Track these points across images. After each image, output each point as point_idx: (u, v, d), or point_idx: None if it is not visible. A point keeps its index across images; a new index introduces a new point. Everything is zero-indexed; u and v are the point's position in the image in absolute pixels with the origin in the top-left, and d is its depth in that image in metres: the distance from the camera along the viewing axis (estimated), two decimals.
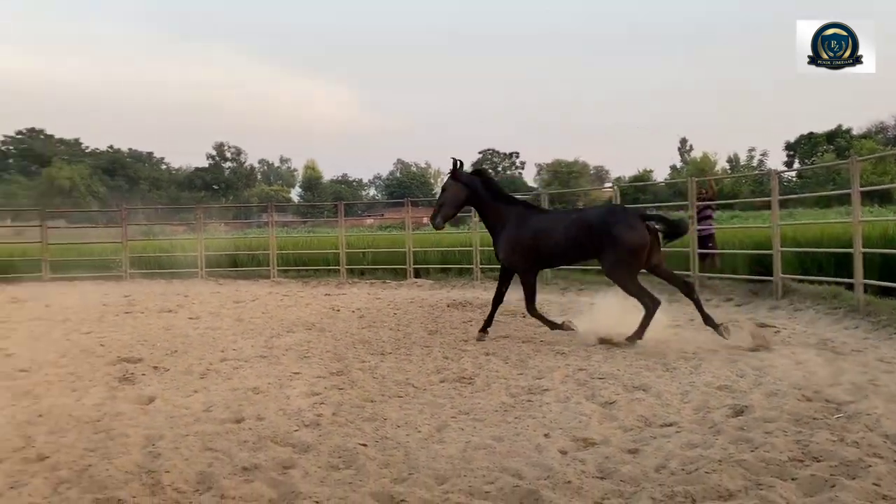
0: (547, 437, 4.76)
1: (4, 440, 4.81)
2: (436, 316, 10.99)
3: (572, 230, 8.14)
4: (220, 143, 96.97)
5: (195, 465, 4.26)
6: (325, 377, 6.71)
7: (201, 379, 6.74)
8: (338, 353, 7.90)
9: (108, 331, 9.96)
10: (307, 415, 5.38)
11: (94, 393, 6.18)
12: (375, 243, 20.27)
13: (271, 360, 7.57)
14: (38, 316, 11.74)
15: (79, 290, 16.16)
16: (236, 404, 5.72)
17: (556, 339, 8.48)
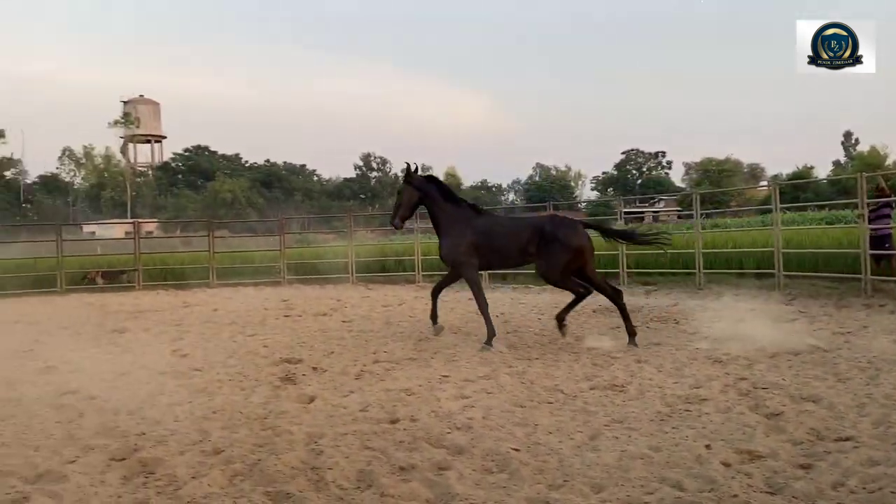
0: (708, 448, 4.54)
1: (185, 433, 5.24)
2: (581, 322, 10.80)
3: (520, 234, 8.67)
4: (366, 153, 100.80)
5: (355, 462, 4.44)
6: (473, 381, 6.78)
7: (356, 380, 7.02)
8: (484, 357, 7.96)
9: (270, 333, 10.60)
10: (458, 417, 5.45)
11: (260, 392, 6.60)
12: None
13: (421, 363, 7.75)
14: (207, 319, 12.69)
15: (242, 295, 17.33)
16: (390, 405, 5.91)
17: (714, 346, 8.10)
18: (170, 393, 6.64)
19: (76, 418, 5.80)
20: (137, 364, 8.23)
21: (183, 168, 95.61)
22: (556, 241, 8.47)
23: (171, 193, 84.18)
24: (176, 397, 6.46)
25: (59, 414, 5.94)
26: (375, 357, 8.21)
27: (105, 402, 6.29)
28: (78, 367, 8.16)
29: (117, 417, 5.78)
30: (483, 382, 6.69)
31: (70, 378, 7.49)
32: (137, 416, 5.78)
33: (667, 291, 14.89)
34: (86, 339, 10.45)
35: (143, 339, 10.43)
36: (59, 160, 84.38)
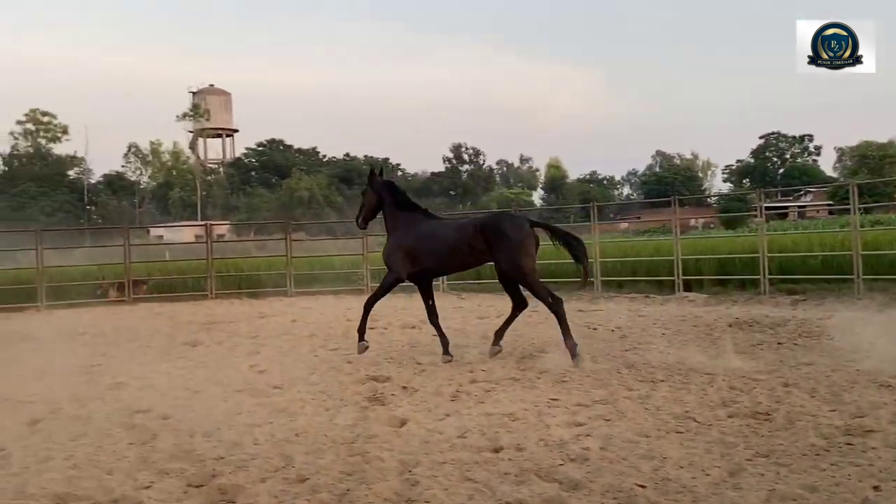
0: (877, 490, 4.33)
1: (266, 458, 5.43)
2: (715, 337, 10.53)
3: (464, 233, 9.32)
4: (457, 144, 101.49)
5: (455, 496, 4.47)
6: (587, 405, 6.72)
7: (452, 401, 7.09)
8: (599, 379, 7.87)
9: (354, 347, 10.80)
10: (572, 447, 5.41)
11: (346, 413, 6.75)
12: (634, 250, 19.92)
13: (525, 384, 7.74)
14: (285, 331, 13.10)
15: (322, 304, 17.81)
16: (492, 431, 5.93)
17: (880, 368, 7.71)
18: (248, 412, 6.89)
19: (149, 440, 6.10)
20: (212, 380, 8.59)
21: (256, 164, 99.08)
22: (504, 235, 9.17)
23: (244, 192, 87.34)
24: (255, 417, 6.70)
25: (131, 434, 6.27)
26: (472, 376, 8.26)
27: (179, 423, 6.59)
28: (149, 383, 8.59)
29: (193, 439, 6.04)
30: (599, 408, 6.61)
31: (141, 395, 7.90)
32: (214, 439, 6.02)
33: (817, 301, 14.30)
34: (156, 353, 11.00)
35: (217, 352, 10.88)
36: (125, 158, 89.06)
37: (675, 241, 17.73)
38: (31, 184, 77.77)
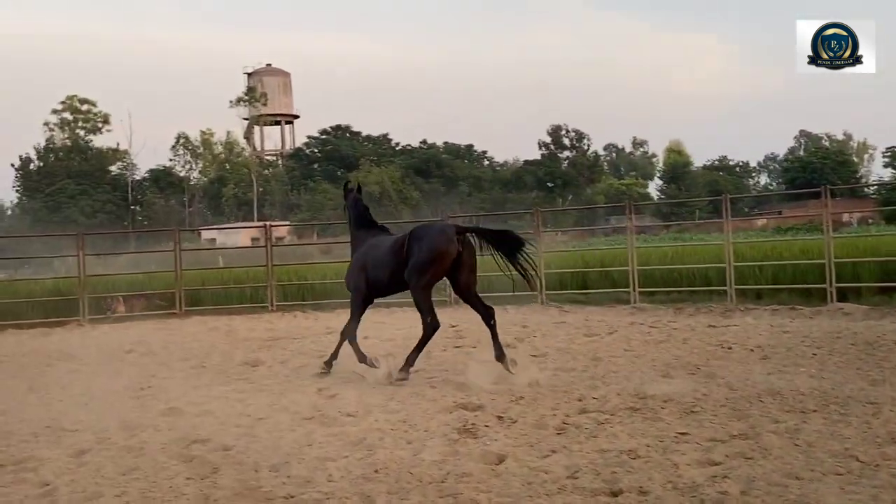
0: None
1: (342, 498, 5.54)
2: (879, 358, 10.23)
3: (397, 244, 10.30)
4: (555, 126, 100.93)
5: None
6: (723, 441, 6.63)
7: (558, 435, 7.07)
8: (737, 409, 7.76)
9: (438, 369, 10.93)
10: (707, 491, 5.35)
11: (433, 446, 6.82)
12: (776, 253, 19.45)
13: (646, 415, 7.68)
14: None
15: (398, 319, 17.97)
16: (608, 471, 5.90)
17: None
18: (319, 444, 7.04)
19: (210, 474, 6.29)
20: (277, 406, 8.79)
21: (319, 155, 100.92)
22: (419, 242, 10.06)
23: (306, 188, 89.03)
24: (327, 450, 6.83)
25: (189, 468, 6.48)
26: (582, 405, 8.23)
27: (242, 455, 6.78)
28: (206, 409, 8.86)
29: (258, 474, 6.20)
30: (739, 443, 6.51)
31: (198, 423, 8.15)
32: (282, 474, 6.17)
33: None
34: (212, 374, 11.34)
35: (281, 374, 11.14)
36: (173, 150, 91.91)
37: (827, 241, 17.22)
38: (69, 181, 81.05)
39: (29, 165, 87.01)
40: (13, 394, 10.48)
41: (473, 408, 8.30)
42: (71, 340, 16.70)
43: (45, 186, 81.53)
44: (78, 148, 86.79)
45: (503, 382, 9.55)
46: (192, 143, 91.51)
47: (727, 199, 19.29)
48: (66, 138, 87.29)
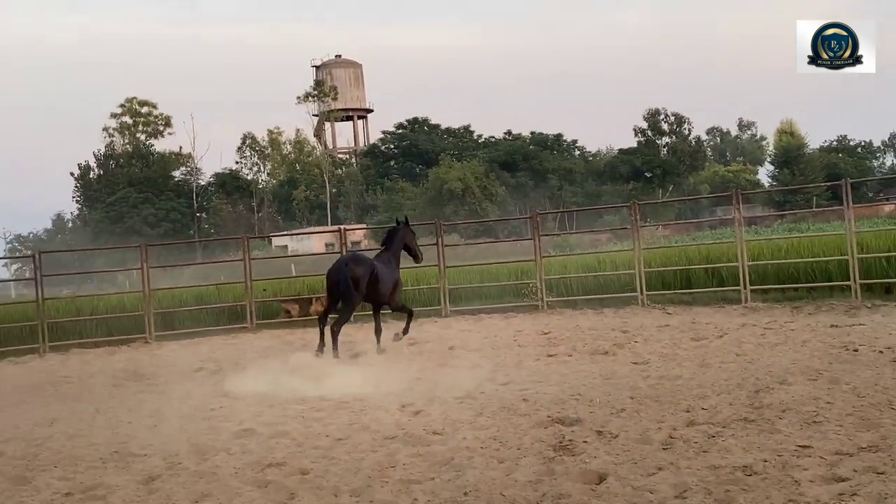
0: None
1: None
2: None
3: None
4: (653, 111, 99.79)
5: None
6: (851, 454, 6.51)
7: (665, 450, 7.01)
8: (866, 418, 7.60)
9: (531, 381, 10.92)
10: None
11: (527, 465, 6.83)
12: None
13: (762, 426, 7.57)
14: (441, 362, 13.36)
15: (486, 326, 18.03)
16: (721, 490, 5.84)
17: None
18: (403, 465, 7.10)
19: (286, 500, 6.43)
20: (357, 425, 8.90)
21: (395, 151, 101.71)
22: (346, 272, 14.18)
23: (382, 187, 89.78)
24: (412, 471, 6.90)
25: (264, 494, 6.62)
26: (690, 417, 8.15)
27: (321, 479, 6.89)
28: (281, 429, 9.01)
29: (338, 500, 6.29)
30: (868, 457, 6.38)
31: (273, 445, 8.31)
32: (364, 499, 6.25)
33: None
34: (287, 392, 11.48)
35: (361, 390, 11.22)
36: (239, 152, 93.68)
37: None
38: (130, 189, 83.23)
39: (89, 174, 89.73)
40: (80, 417, 10.81)
41: (570, 422, 8.30)
42: (138, 359, 17.16)
43: (106, 196, 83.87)
44: (139, 153, 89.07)
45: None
46: (260, 143, 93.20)
47: (847, 183, 18.82)
48: (127, 143, 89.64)
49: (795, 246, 20.96)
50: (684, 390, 9.50)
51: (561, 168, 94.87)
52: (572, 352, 13.40)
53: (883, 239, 19.70)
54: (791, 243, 21.59)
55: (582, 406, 9.05)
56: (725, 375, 10.26)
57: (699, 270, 20.45)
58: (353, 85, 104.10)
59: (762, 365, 10.81)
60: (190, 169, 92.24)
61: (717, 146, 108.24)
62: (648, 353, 12.62)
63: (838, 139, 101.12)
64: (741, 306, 18.13)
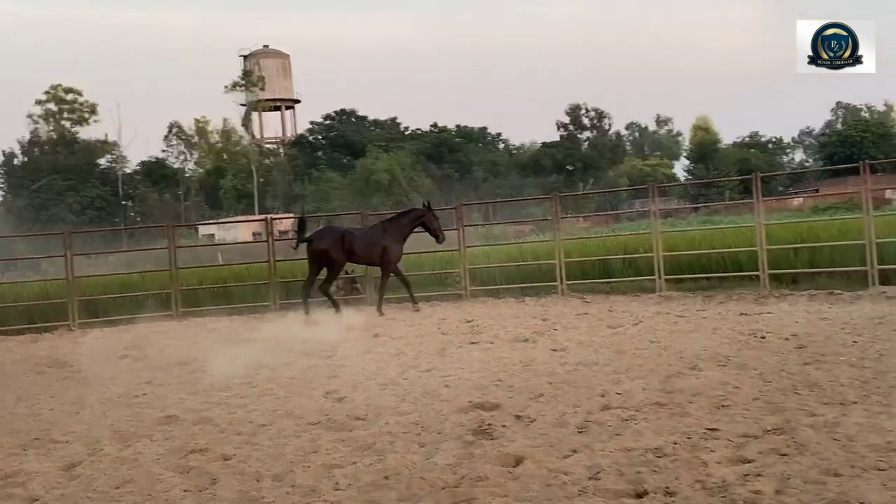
0: None
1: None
2: None
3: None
4: (574, 106, 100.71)
5: None
6: (756, 437, 6.64)
7: (580, 434, 7.10)
8: (772, 402, 7.77)
9: (453, 367, 10.96)
10: (738, 491, 5.36)
11: (447, 449, 6.86)
12: (812, 234, 19.37)
13: (673, 410, 7.69)
14: (367, 349, 13.35)
15: (410, 315, 18.01)
16: (633, 471, 5.93)
17: None
18: (326, 451, 7.09)
19: (208, 486, 6.35)
20: (281, 411, 8.86)
21: (323, 142, 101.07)
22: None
23: (310, 177, 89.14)
24: (334, 456, 6.88)
25: (186, 480, 6.54)
26: (605, 401, 8.26)
27: (243, 464, 6.84)
28: (205, 416, 8.92)
29: (260, 484, 6.25)
30: (772, 439, 6.52)
31: (196, 431, 8.23)
32: (286, 483, 6.22)
33: None
34: (212, 379, 11.36)
35: (286, 377, 11.17)
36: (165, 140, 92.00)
37: (867, 220, 17.11)
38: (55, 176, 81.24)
39: (12, 161, 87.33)
40: (1, 405, 10.56)
41: (490, 407, 8.35)
42: (61, 346, 16.81)
43: (31, 183, 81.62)
44: (64, 141, 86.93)
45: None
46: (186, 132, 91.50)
47: (758, 177, 19.18)
48: (52, 131, 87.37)
49: (708, 237, 21.32)
50: (600, 376, 9.62)
51: (486, 160, 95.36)
52: (494, 339, 13.45)
53: (790, 231, 20.18)
54: (704, 235, 21.96)
55: (502, 392, 9.11)
56: (640, 361, 10.40)
57: (617, 261, 20.68)
58: (281, 75, 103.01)
59: (674, 351, 10.98)
60: (116, 157, 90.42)
61: (636, 141, 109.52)
62: (567, 341, 12.73)
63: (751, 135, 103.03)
64: (656, 295, 18.39)
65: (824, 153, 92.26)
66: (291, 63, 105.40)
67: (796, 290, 17.17)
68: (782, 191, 76.87)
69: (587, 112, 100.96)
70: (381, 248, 18.36)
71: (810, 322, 12.92)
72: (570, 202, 54.49)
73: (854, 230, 18.20)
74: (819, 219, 29.16)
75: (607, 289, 19.81)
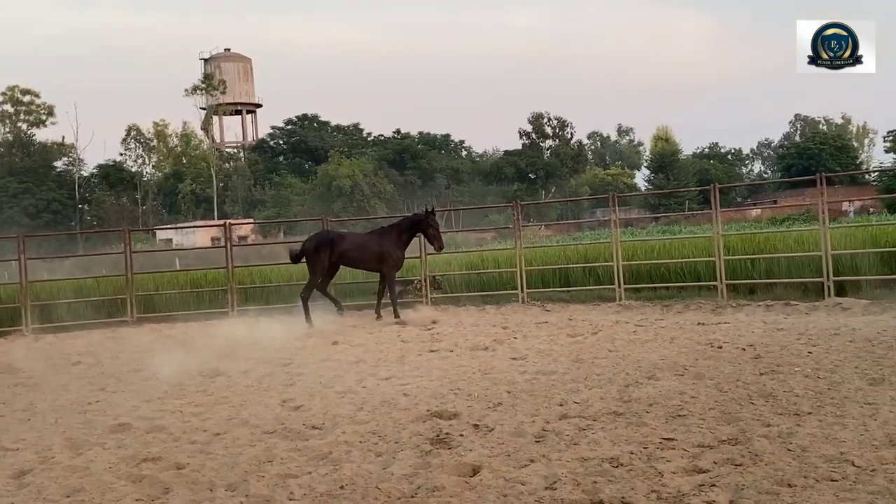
0: None
1: None
2: (879, 356, 10.29)
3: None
4: (537, 114, 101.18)
5: None
6: (711, 446, 6.68)
7: (537, 443, 7.10)
8: (727, 412, 7.82)
9: (412, 375, 10.94)
10: (693, 501, 5.40)
11: (403, 459, 6.83)
12: (769, 245, 19.57)
13: (630, 420, 7.72)
14: (325, 356, 13.28)
15: (368, 322, 17.96)
16: (589, 481, 5.94)
17: None
18: (281, 460, 7.03)
19: (161, 495, 6.28)
20: (237, 420, 8.78)
21: (284, 147, 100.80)
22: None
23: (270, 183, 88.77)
24: (290, 466, 6.83)
25: (138, 489, 6.45)
26: (563, 411, 8.27)
27: (197, 473, 6.76)
28: (158, 424, 8.82)
29: (213, 494, 6.19)
30: (727, 449, 6.56)
31: (149, 440, 8.13)
32: (240, 493, 6.15)
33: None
34: (166, 387, 11.25)
35: (242, 385, 11.08)
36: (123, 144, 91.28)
37: (823, 232, 17.32)
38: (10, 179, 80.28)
39: None
40: None
41: (448, 416, 8.33)
42: (13, 351, 16.55)
43: None
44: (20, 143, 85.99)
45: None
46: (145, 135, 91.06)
47: (716, 188, 19.36)
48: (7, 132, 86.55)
49: (667, 247, 21.45)
50: (559, 385, 9.63)
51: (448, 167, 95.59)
52: (454, 347, 13.45)
53: (748, 242, 20.34)
54: (663, 244, 22.09)
55: (460, 400, 9.10)
56: (598, 371, 10.44)
57: (577, 269, 20.77)
58: (243, 79, 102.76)
59: (633, 360, 11.03)
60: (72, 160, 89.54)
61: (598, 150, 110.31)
62: (526, 349, 12.76)
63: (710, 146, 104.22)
64: (616, 304, 18.49)
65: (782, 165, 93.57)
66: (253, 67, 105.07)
67: (753, 300, 17.34)
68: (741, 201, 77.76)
69: (550, 121, 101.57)
70: (377, 253, 18.09)
71: (766, 332, 13.04)
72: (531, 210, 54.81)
73: (810, 241, 18.40)
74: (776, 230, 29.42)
75: (567, 297, 19.89)
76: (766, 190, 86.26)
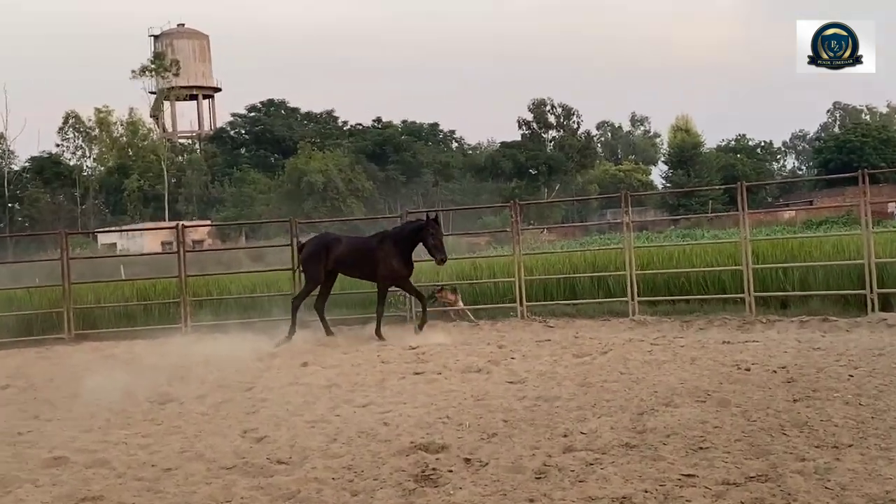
0: None
1: None
2: None
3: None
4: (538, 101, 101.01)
5: None
6: (738, 484, 6.69)
7: (538, 480, 7.10)
8: (755, 444, 7.83)
9: (394, 402, 10.90)
10: None
11: (383, 498, 6.84)
12: (804, 252, 19.61)
13: (645, 453, 7.72)
14: (293, 380, 13.22)
15: (345, 339, 17.92)
16: None
17: None
18: (241, 499, 7.02)
19: None
20: (190, 453, 8.73)
21: (247, 137, 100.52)
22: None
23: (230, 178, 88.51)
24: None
25: None
26: (568, 442, 8.26)
27: None
28: (100, 458, 8.76)
29: None
30: (756, 487, 6.58)
31: (89, 476, 8.08)
32: None
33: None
34: (109, 415, 11.20)
35: (197, 412, 11.04)
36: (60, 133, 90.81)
37: (866, 237, 17.36)
38: None
39: None
40: None
41: (435, 449, 8.30)
42: None
43: None
44: None
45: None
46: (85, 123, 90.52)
47: (743, 186, 19.38)
48: None
49: (688, 254, 21.47)
50: (563, 413, 9.62)
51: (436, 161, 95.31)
52: (442, 369, 13.41)
53: (780, 248, 20.37)
54: (683, 251, 22.11)
55: (449, 430, 9.07)
56: (608, 396, 10.42)
57: (584, 279, 20.75)
58: (199, 59, 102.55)
59: (648, 385, 11.03)
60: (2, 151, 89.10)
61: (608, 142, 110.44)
62: (525, 372, 12.73)
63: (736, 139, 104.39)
64: (628, 319, 18.50)
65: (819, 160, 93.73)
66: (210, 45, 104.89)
67: (786, 315, 17.35)
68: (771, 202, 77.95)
69: (553, 109, 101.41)
70: (371, 261, 18.12)
71: (801, 352, 13.06)
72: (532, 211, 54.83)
73: (851, 248, 18.45)
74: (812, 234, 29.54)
75: (573, 311, 19.86)
76: (800, 188, 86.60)
